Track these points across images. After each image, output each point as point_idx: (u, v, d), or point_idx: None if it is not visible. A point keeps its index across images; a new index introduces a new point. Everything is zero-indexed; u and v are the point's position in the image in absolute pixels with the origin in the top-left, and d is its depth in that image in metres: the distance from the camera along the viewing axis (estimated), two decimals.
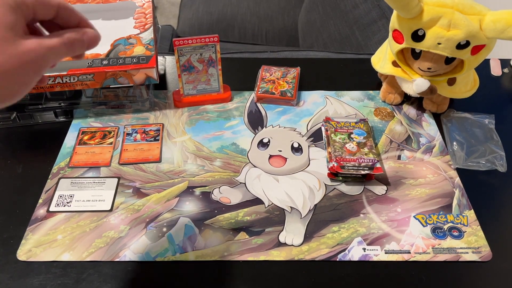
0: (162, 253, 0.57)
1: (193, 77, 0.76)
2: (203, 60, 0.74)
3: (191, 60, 0.74)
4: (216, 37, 0.73)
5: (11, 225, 0.60)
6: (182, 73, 0.75)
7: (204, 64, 0.75)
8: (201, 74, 0.76)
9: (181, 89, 0.77)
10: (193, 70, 0.75)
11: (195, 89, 0.77)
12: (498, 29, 0.63)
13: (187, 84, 0.76)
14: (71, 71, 0.69)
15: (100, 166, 0.68)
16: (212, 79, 0.77)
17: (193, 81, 0.76)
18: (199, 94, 0.78)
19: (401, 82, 0.77)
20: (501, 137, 0.73)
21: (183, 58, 0.74)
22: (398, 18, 0.69)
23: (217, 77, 0.77)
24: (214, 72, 0.76)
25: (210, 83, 0.77)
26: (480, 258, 0.58)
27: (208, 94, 0.78)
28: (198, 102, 0.78)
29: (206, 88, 0.77)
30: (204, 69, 0.75)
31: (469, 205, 0.64)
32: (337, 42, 1.29)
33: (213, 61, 0.75)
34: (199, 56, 0.74)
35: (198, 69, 0.75)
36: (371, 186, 0.66)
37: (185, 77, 0.75)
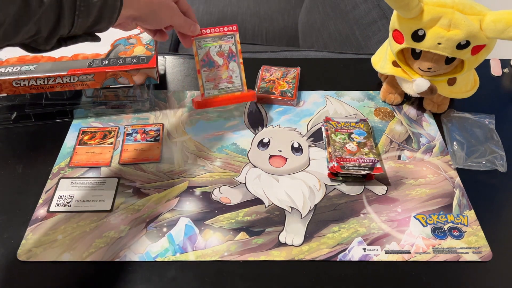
0: (162, 253, 0.57)
1: (214, 74, 0.70)
2: (223, 53, 0.70)
3: (210, 54, 0.70)
4: (234, 26, 0.70)
5: (11, 225, 0.60)
6: (202, 68, 0.70)
7: (224, 58, 0.70)
8: (221, 70, 0.70)
9: (201, 88, 0.71)
10: (213, 66, 0.70)
11: (216, 88, 0.71)
12: (498, 29, 0.63)
13: (208, 83, 0.70)
14: (71, 71, 0.69)
15: (100, 166, 0.68)
16: (234, 75, 0.71)
17: (214, 79, 0.70)
18: (221, 94, 0.72)
19: (401, 82, 0.77)
20: (501, 137, 0.73)
21: (202, 52, 0.70)
22: (398, 18, 0.69)
23: (239, 73, 0.72)
24: (235, 67, 0.71)
25: (232, 81, 0.71)
26: (480, 258, 0.58)
27: (231, 94, 0.72)
28: (220, 102, 0.72)
29: (228, 87, 0.71)
30: (225, 64, 0.70)
31: (469, 205, 0.64)
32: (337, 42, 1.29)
33: (234, 54, 0.71)
34: (218, 49, 0.70)
35: (218, 64, 0.70)
36: (371, 186, 0.66)
37: (205, 74, 0.70)
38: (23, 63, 0.70)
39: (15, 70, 0.69)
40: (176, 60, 0.90)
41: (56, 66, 0.70)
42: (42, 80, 0.69)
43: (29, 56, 0.72)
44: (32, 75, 0.68)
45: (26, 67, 0.69)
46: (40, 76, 0.68)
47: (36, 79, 0.68)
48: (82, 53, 0.73)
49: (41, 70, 0.69)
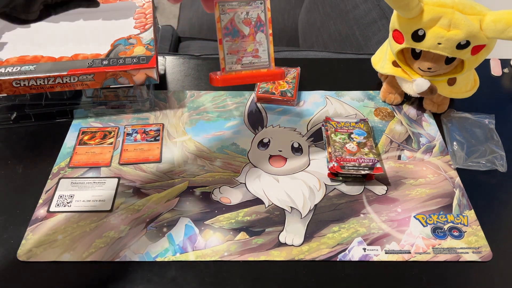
0: (162, 253, 0.57)
1: (237, 45, 0.60)
2: (250, 21, 0.61)
3: (235, 21, 0.60)
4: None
5: (11, 225, 0.60)
6: (224, 38, 0.60)
7: (251, 27, 0.61)
8: (247, 41, 0.61)
9: (222, 61, 0.61)
10: (237, 35, 0.60)
11: (239, 62, 0.61)
12: (498, 29, 0.63)
13: (230, 56, 0.60)
14: (71, 71, 0.69)
15: (100, 166, 0.68)
16: (261, 48, 0.62)
17: (237, 51, 0.61)
18: (244, 70, 0.62)
19: (401, 82, 0.77)
20: (501, 137, 0.73)
21: (226, 18, 0.60)
22: (398, 18, 0.69)
23: (267, 46, 0.62)
24: (263, 39, 0.62)
25: (259, 55, 0.62)
26: (480, 258, 0.58)
27: (255, 71, 0.62)
28: (243, 79, 0.62)
29: (253, 61, 0.62)
30: (251, 34, 0.61)
31: (469, 205, 0.64)
32: (337, 42, 1.29)
33: (262, 24, 0.61)
34: (245, 16, 0.60)
35: (243, 34, 0.61)
36: (371, 186, 0.66)
37: (227, 45, 0.60)
38: (23, 63, 0.70)
39: (15, 70, 0.69)
40: (176, 60, 0.90)
41: (56, 66, 0.70)
42: (42, 80, 0.69)
43: (29, 56, 0.72)
44: (32, 75, 0.68)
45: (26, 67, 0.69)
46: (40, 76, 0.68)
47: (36, 79, 0.68)
48: (82, 53, 0.73)
49: (41, 70, 0.69)
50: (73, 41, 0.77)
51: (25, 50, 0.74)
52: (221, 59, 0.61)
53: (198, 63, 0.90)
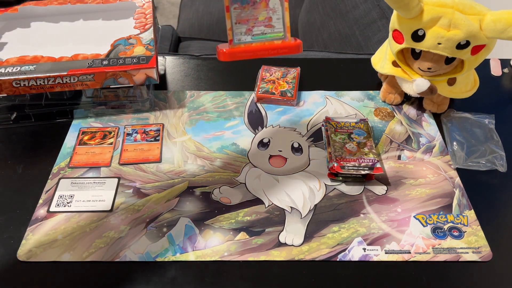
0: (162, 253, 0.57)
1: (247, 14, 0.54)
2: None
3: None
4: None
5: (11, 225, 0.60)
6: (232, 5, 0.53)
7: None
8: (258, 8, 0.54)
9: (229, 32, 0.55)
10: (247, 2, 0.54)
11: (250, 33, 0.55)
12: (498, 29, 0.63)
13: (239, 26, 0.54)
14: (71, 71, 0.69)
15: (100, 166, 0.68)
16: (274, 17, 0.55)
17: (247, 20, 0.54)
18: (256, 42, 0.56)
19: (401, 82, 0.77)
20: (501, 137, 0.73)
21: None
22: (398, 18, 0.69)
23: (281, 14, 0.55)
24: (277, 5, 0.55)
25: (272, 24, 0.55)
26: (480, 258, 0.58)
27: (268, 42, 0.56)
28: (254, 52, 0.56)
29: (265, 32, 0.55)
30: (264, 0, 0.54)
31: (469, 205, 0.64)
32: (337, 42, 1.29)
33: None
34: None
35: (254, 0, 0.54)
36: (371, 186, 0.66)
37: (235, 13, 0.54)
38: (23, 63, 0.70)
39: (15, 70, 0.69)
40: (176, 60, 0.90)
41: (56, 66, 0.70)
42: (42, 80, 0.69)
43: (29, 56, 0.72)
44: (32, 75, 0.68)
45: (26, 67, 0.69)
46: (40, 76, 0.68)
47: (36, 79, 0.68)
48: (82, 53, 0.73)
49: (41, 70, 0.69)
50: (73, 41, 0.77)
51: (25, 50, 0.74)
52: (228, 29, 0.54)
53: (198, 63, 0.90)
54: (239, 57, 0.56)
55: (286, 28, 0.56)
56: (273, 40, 0.56)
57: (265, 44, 0.56)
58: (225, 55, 0.55)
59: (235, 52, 0.55)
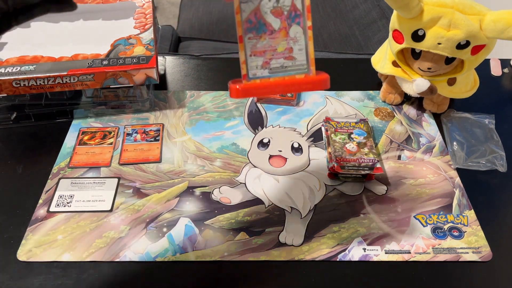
0: (162, 253, 0.57)
1: (264, 44, 0.46)
2: (281, 11, 0.46)
3: (261, 12, 0.45)
4: None
5: (11, 225, 0.60)
6: (246, 34, 0.46)
7: (282, 19, 0.46)
8: (277, 38, 0.46)
9: (243, 66, 0.47)
10: (263, 30, 0.46)
11: (267, 66, 0.47)
12: (498, 29, 0.63)
13: (254, 58, 0.46)
14: (71, 71, 0.69)
15: (100, 166, 0.68)
16: (296, 47, 0.47)
17: (264, 52, 0.46)
18: (274, 77, 0.47)
19: (401, 82, 0.77)
20: (501, 137, 0.73)
21: (248, 7, 0.45)
22: (398, 18, 0.69)
23: (304, 44, 0.47)
24: (299, 34, 0.47)
25: (293, 56, 0.47)
26: (480, 258, 0.58)
27: (289, 77, 0.47)
28: (272, 89, 0.48)
29: (285, 65, 0.47)
30: (283, 28, 0.46)
31: (469, 205, 0.64)
32: (337, 42, 1.29)
33: (298, 14, 0.46)
34: (274, 4, 0.45)
35: (272, 29, 0.46)
36: (371, 186, 0.66)
37: (250, 43, 0.46)
38: (23, 63, 0.70)
39: (15, 70, 0.69)
40: (176, 60, 0.90)
41: (56, 66, 0.70)
42: (42, 80, 0.69)
43: (29, 56, 0.72)
44: (32, 75, 0.68)
45: (26, 67, 0.69)
46: (40, 76, 0.68)
47: (36, 79, 0.68)
48: (82, 53, 0.73)
49: (41, 70, 0.69)
50: (73, 41, 0.77)
51: (25, 50, 0.74)
52: (241, 62, 0.46)
53: (198, 63, 0.90)
54: (254, 94, 0.49)
55: (310, 60, 0.47)
56: (294, 75, 0.47)
57: (285, 79, 0.47)
58: (238, 92, 0.46)
59: (250, 89, 0.47)
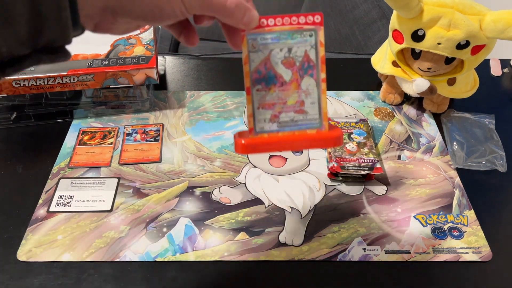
0: (162, 253, 0.57)
1: (273, 96, 0.43)
2: (293, 62, 0.43)
3: (272, 62, 0.43)
4: (318, 16, 0.43)
5: (11, 225, 0.60)
6: (254, 86, 0.43)
7: (294, 71, 0.43)
8: (288, 90, 0.43)
9: (250, 119, 0.43)
10: (273, 82, 0.43)
11: (275, 120, 0.44)
12: (498, 29, 0.63)
13: (262, 111, 0.43)
14: (71, 71, 0.69)
15: (100, 166, 0.68)
16: (308, 101, 0.44)
17: (273, 105, 0.43)
18: (283, 132, 0.44)
19: (401, 82, 0.77)
20: (501, 137, 0.73)
21: (258, 57, 0.42)
22: (398, 18, 0.69)
23: (317, 97, 0.44)
24: (312, 86, 0.44)
25: (304, 109, 0.44)
26: (480, 258, 0.58)
27: (299, 132, 0.44)
28: (281, 145, 0.44)
29: (296, 119, 0.44)
30: (294, 80, 0.43)
31: (469, 205, 0.64)
32: (337, 42, 1.29)
33: (312, 65, 0.44)
34: (286, 54, 0.43)
35: (283, 81, 0.43)
36: (371, 186, 0.66)
37: (258, 95, 0.43)
38: None
39: None
40: (176, 60, 0.90)
41: (55, 66, 0.70)
42: (42, 80, 0.69)
43: None
44: (32, 75, 0.68)
45: None
46: (40, 76, 0.68)
47: (36, 79, 0.68)
48: (82, 53, 0.73)
49: (40, 70, 0.69)
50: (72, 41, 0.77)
51: None
52: (248, 115, 0.43)
53: (198, 63, 0.90)
54: (262, 150, 0.46)
55: (322, 114, 0.44)
56: (305, 130, 0.44)
57: (295, 134, 0.44)
58: (244, 148, 0.43)
59: (257, 144, 0.43)
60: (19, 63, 0.32)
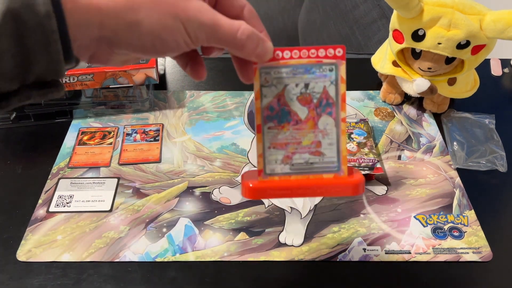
0: (162, 253, 0.57)
1: (287, 136, 0.40)
2: (310, 98, 0.39)
3: (286, 98, 0.39)
4: (340, 49, 0.39)
5: (11, 226, 0.60)
6: (266, 123, 0.40)
7: (311, 108, 0.39)
8: (303, 129, 0.40)
9: (259, 160, 0.41)
10: (287, 120, 0.40)
11: (288, 162, 0.40)
12: (498, 29, 0.63)
13: (274, 151, 0.40)
14: (71, 71, 0.69)
15: (99, 167, 0.67)
16: (325, 141, 0.40)
17: (286, 145, 0.40)
18: (296, 174, 0.40)
19: (402, 82, 0.77)
20: (502, 137, 0.73)
21: (271, 92, 0.39)
22: (398, 18, 0.69)
23: (335, 138, 0.40)
24: (330, 126, 0.40)
25: (321, 151, 0.40)
26: (481, 258, 0.57)
27: (314, 177, 0.40)
28: (293, 190, 0.41)
29: (311, 161, 0.40)
30: (311, 118, 0.40)
31: (470, 205, 0.64)
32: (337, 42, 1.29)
33: (331, 103, 0.40)
34: (302, 90, 0.39)
35: (297, 119, 0.40)
36: (372, 186, 0.66)
37: (270, 134, 0.40)
38: None
39: None
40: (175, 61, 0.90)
41: None
42: None
43: None
44: None
45: None
46: None
47: None
48: None
49: None
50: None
51: None
52: (258, 155, 0.40)
53: None
54: (271, 195, 0.42)
55: (341, 158, 0.40)
56: (321, 173, 0.40)
57: (310, 178, 0.40)
58: (251, 192, 0.40)
59: (266, 189, 0.40)
60: (5, 100, 0.30)
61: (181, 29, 0.32)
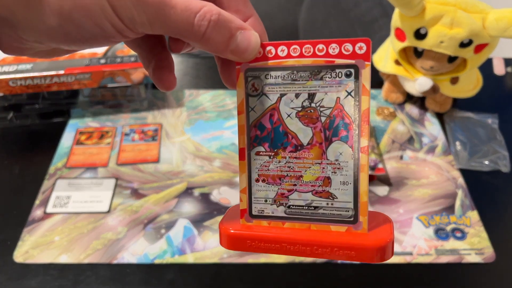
0: (161, 255, 0.56)
1: (282, 165, 0.29)
2: (316, 115, 0.28)
3: (282, 114, 0.29)
4: (363, 44, 0.27)
5: (8, 226, 0.59)
6: (253, 148, 0.29)
7: (317, 129, 0.28)
8: (305, 158, 0.29)
9: (242, 197, 0.30)
10: (282, 144, 0.29)
11: (283, 202, 0.29)
12: (501, 28, 0.63)
13: (263, 186, 0.30)
14: (68, 70, 0.68)
15: (97, 167, 0.67)
16: (337, 178, 0.28)
17: (281, 178, 0.29)
18: (292, 221, 0.29)
19: (404, 81, 0.76)
20: (505, 137, 0.72)
21: (260, 105, 0.29)
22: (400, 16, 0.68)
23: (352, 175, 0.28)
24: (345, 157, 0.28)
25: (330, 191, 0.29)
26: (483, 259, 0.57)
27: (318, 227, 0.29)
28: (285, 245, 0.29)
29: (315, 205, 0.29)
30: (316, 143, 0.29)
31: (472, 206, 0.63)
32: None
33: (347, 123, 0.28)
34: (305, 103, 0.28)
35: (297, 143, 0.29)
36: (373, 187, 0.65)
37: (258, 162, 0.29)
38: (19, 62, 0.70)
39: (12, 69, 0.68)
40: (175, 58, 0.89)
41: (53, 65, 0.69)
42: (39, 79, 0.68)
43: None
44: (28, 74, 0.67)
45: (23, 66, 0.69)
46: (37, 76, 0.68)
47: (33, 78, 0.68)
48: (79, 52, 0.72)
49: (38, 69, 0.68)
50: None
51: None
52: (240, 190, 0.30)
53: (197, 61, 0.89)
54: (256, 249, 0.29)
55: (359, 204, 0.28)
56: (329, 224, 0.29)
57: (312, 229, 0.29)
58: (229, 240, 0.29)
59: (250, 239, 0.29)
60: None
61: (106, 8, 0.22)
